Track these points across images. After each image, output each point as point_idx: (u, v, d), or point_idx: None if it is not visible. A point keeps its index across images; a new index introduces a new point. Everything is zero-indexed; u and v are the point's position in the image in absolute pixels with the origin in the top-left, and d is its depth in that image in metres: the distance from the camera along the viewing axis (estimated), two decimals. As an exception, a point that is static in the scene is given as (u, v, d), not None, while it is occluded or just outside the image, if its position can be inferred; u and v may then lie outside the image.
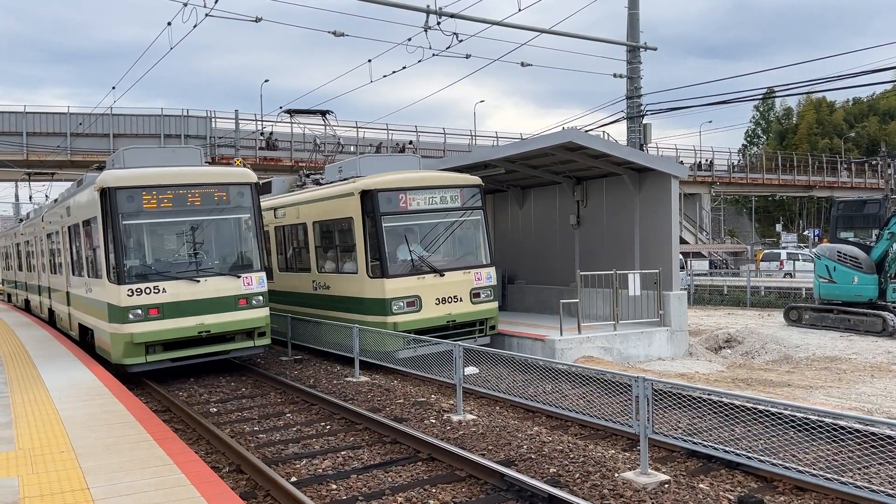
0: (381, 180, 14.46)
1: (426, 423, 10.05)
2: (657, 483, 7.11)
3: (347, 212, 14.62)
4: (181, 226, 13.34)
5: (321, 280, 16.09)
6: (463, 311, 14.68)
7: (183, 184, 13.15)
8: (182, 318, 12.95)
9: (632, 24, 20.56)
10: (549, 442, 8.83)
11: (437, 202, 14.78)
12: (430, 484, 7.46)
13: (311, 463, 8.39)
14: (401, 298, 14.08)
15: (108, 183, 12.67)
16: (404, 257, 14.51)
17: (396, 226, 14.54)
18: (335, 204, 15.17)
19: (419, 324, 14.08)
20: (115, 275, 12.67)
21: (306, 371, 14.86)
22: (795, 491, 6.79)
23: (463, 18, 17.31)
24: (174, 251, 13.56)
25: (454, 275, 14.69)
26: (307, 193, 16.81)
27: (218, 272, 13.40)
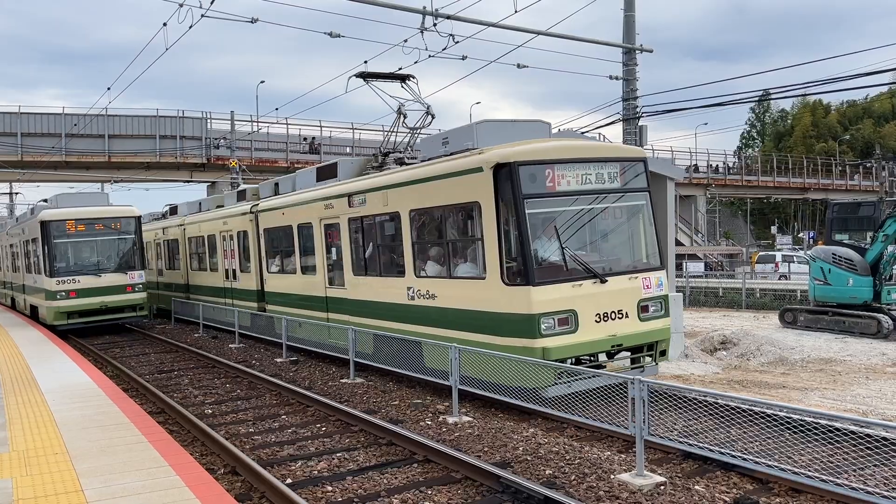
0: (522, 150, 10.51)
1: (422, 424, 10.04)
2: (653, 485, 7.11)
3: (470, 194, 10.80)
4: (90, 243, 22.51)
5: (422, 287, 12.16)
6: (630, 330, 10.77)
7: (91, 218, 22.39)
8: (90, 298, 22.06)
9: (628, 27, 20.57)
10: (545, 444, 8.83)
11: (593, 180, 10.90)
12: (426, 486, 7.44)
13: (307, 465, 8.37)
14: (551, 314, 10.05)
15: (44, 217, 22.08)
16: (555, 257, 10.58)
17: (545, 213, 10.62)
18: (449, 185, 11.26)
19: (576, 349, 10.25)
20: (49, 272, 21.77)
21: (301, 372, 14.83)
22: (791, 493, 6.80)
23: (459, 20, 17.30)
24: (85, 258, 22.51)
25: (618, 281, 10.78)
26: (398, 174, 12.90)
27: (112, 271, 22.42)
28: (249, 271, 19.62)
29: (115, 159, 45.91)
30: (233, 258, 20.74)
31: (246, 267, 20.00)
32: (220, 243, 21.67)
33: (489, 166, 10.41)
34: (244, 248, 19.99)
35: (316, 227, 15.59)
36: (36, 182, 50.85)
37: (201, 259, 23.63)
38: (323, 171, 16.30)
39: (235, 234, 20.34)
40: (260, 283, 19.04)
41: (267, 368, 15.36)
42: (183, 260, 25.13)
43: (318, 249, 15.68)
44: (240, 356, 17.33)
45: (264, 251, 18.64)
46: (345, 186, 14.67)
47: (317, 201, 15.53)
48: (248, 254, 19.62)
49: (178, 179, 50.45)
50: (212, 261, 22.72)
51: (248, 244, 19.56)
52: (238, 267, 20.42)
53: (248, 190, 21.35)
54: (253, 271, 19.30)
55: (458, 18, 17.26)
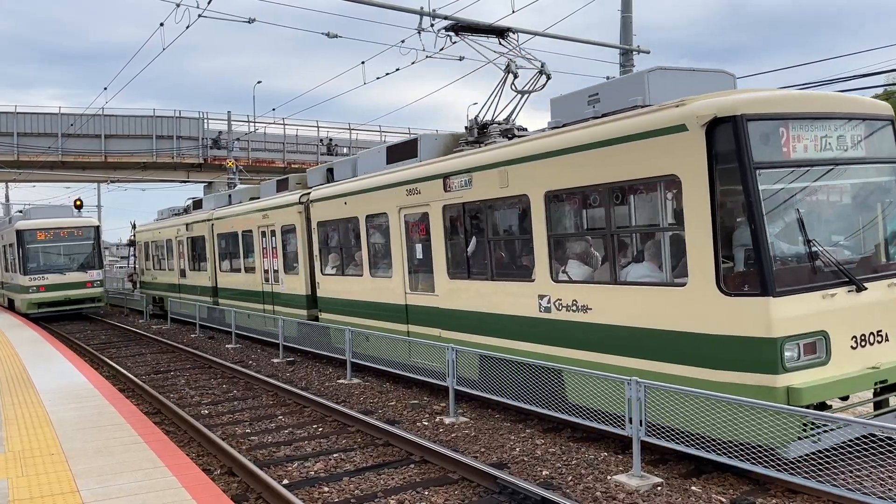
0: (751, 99, 7.48)
1: (419, 425, 10.03)
2: (650, 486, 7.12)
3: (659, 165, 7.75)
4: (56, 248, 28.36)
5: (564, 295, 9.09)
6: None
7: (57, 227, 28.42)
8: (56, 292, 27.77)
9: (625, 28, 20.59)
10: (542, 444, 8.83)
11: (836, 145, 7.78)
12: (423, 486, 7.44)
13: (304, 465, 8.36)
14: (797, 338, 7.00)
15: (19, 227, 27.99)
16: (798, 255, 7.49)
17: (781, 189, 7.46)
18: (619, 155, 8.20)
19: (832, 390, 7.16)
20: (23, 271, 27.50)
21: (298, 373, 14.82)
22: (787, 493, 6.81)
23: (457, 20, 17.30)
24: (53, 259, 28.24)
25: (879, 288, 7.65)
26: (525, 145, 9.77)
27: (75, 270, 28.19)
28: (297, 273, 16.85)
29: (112, 159, 45.85)
30: (274, 257, 18.10)
31: (292, 268, 17.26)
32: (257, 240, 18.99)
33: (701, 122, 7.23)
34: (289, 245, 17.34)
35: (393, 218, 12.64)
36: (32, 182, 50.79)
37: (233, 259, 21.10)
38: (396, 151, 13.38)
39: (278, 228, 17.66)
40: (310, 287, 16.26)
41: (264, 369, 15.34)
42: (210, 260, 22.67)
43: (396, 246, 12.63)
44: (236, 356, 17.31)
45: (317, 249, 15.71)
46: (436, 166, 11.56)
47: (394, 186, 12.47)
48: (295, 252, 16.88)
49: (174, 179, 50.42)
50: (247, 261, 20.03)
51: (296, 240, 16.74)
52: (281, 268, 17.77)
53: (291, 178, 18.70)
54: (301, 273, 16.52)
55: (456, 19, 17.26)
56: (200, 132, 47.76)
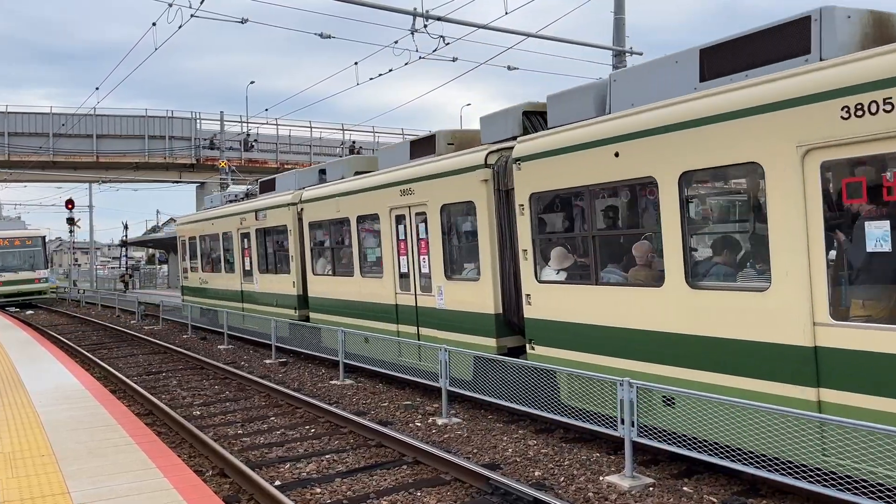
0: None
1: (412, 426, 10.03)
2: (642, 486, 7.13)
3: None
4: (11, 252, 37.46)
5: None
6: None
7: (11, 237, 37.99)
8: (11, 287, 36.86)
9: (618, 29, 20.66)
10: (535, 445, 8.84)
11: None
12: (416, 487, 7.44)
13: (296, 466, 8.35)
14: None
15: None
16: None
17: None
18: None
19: None
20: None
21: (291, 374, 14.80)
22: (778, 494, 6.84)
23: (450, 21, 17.32)
24: (8, 261, 37.23)
25: None
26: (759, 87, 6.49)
27: (26, 270, 37.22)
28: (474, 277, 10.76)
29: (104, 159, 45.69)
30: (423, 253, 11.80)
31: (460, 269, 11.28)
32: (389, 230, 12.56)
33: None
34: (460, 236, 11.44)
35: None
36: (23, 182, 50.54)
37: (339, 257, 14.83)
38: (529, 125, 10.32)
39: (434, 210, 11.40)
40: (513, 301, 10.06)
41: (256, 370, 15.31)
42: (296, 259, 16.37)
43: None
44: (229, 357, 17.27)
45: (533, 240, 9.41)
46: (600, 127, 8.20)
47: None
48: (474, 246, 10.71)
49: (167, 180, 50.31)
50: (368, 261, 13.66)
51: (477, 227, 10.52)
52: (447, 268, 11.33)
53: (443, 134, 12.23)
54: (488, 276, 10.37)
55: (449, 20, 17.29)
56: (193, 132, 47.63)
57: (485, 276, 10.42)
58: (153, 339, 20.85)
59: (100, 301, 39.38)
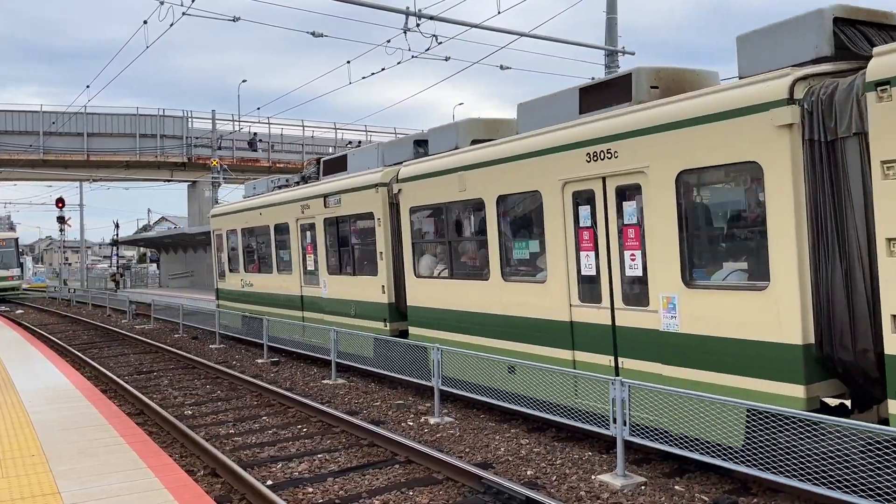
0: None
1: (404, 425, 10.03)
2: (634, 485, 7.15)
3: None
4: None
5: None
6: None
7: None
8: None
9: (610, 29, 20.71)
10: (527, 444, 8.85)
11: None
12: (408, 487, 7.44)
13: (288, 466, 8.33)
14: None
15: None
16: None
17: None
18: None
19: None
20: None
21: (283, 373, 14.77)
22: (769, 492, 6.87)
23: (442, 20, 17.32)
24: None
25: None
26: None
27: (1, 268, 44.04)
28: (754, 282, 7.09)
29: (94, 158, 45.47)
30: (631, 246, 8.12)
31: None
32: (562, 214, 8.94)
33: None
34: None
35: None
36: (13, 181, 50.24)
37: (461, 254, 11.22)
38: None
39: (671, 179, 7.52)
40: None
41: (248, 369, 15.27)
42: (386, 257, 12.71)
43: None
44: (220, 357, 17.22)
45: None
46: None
47: None
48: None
49: (158, 178, 50.13)
50: (515, 260, 10.14)
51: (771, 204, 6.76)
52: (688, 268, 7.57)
53: (639, 74, 8.49)
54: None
55: (442, 19, 17.28)
56: (185, 131, 47.45)
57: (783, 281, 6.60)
58: (144, 339, 20.77)
59: (90, 300, 39.19)
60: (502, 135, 10.99)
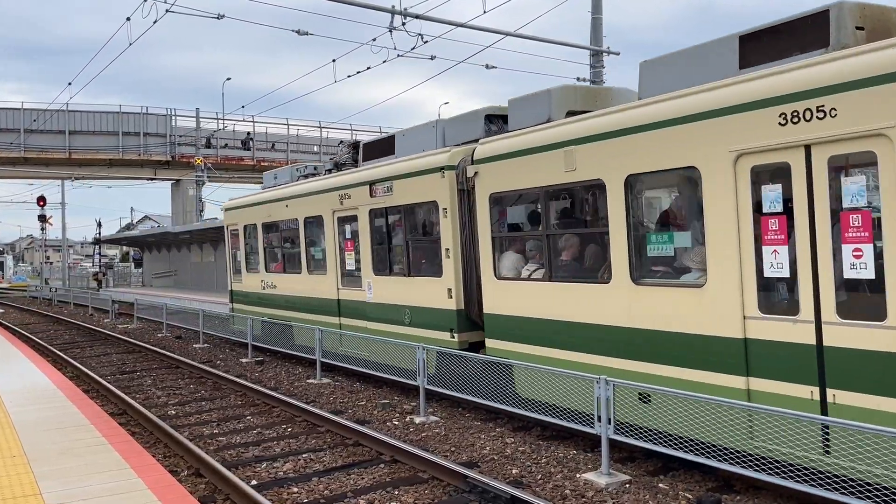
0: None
1: (389, 425, 10.02)
2: (618, 483, 7.19)
3: None
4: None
5: None
6: None
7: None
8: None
9: (595, 29, 20.79)
10: (512, 443, 8.87)
11: None
12: (393, 486, 7.43)
13: (272, 466, 8.30)
14: None
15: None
16: None
17: None
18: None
19: None
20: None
21: (267, 373, 14.70)
22: (752, 490, 6.93)
23: (428, 20, 17.31)
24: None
25: None
26: None
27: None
28: None
29: (76, 156, 45.05)
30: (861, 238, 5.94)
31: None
32: (734, 197, 6.79)
33: None
34: None
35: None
36: (-5, 178, 49.63)
37: (563, 251, 9.18)
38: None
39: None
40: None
41: (232, 369, 15.19)
42: (455, 254, 10.66)
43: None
44: (204, 356, 17.11)
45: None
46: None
47: None
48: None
49: (141, 177, 49.72)
50: (649, 257, 7.98)
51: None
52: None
53: (840, 9, 6.55)
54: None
55: (427, 18, 17.27)
56: (168, 129, 47.09)
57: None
58: (127, 338, 20.60)
59: (72, 300, 38.82)
60: (600, 106, 9.09)
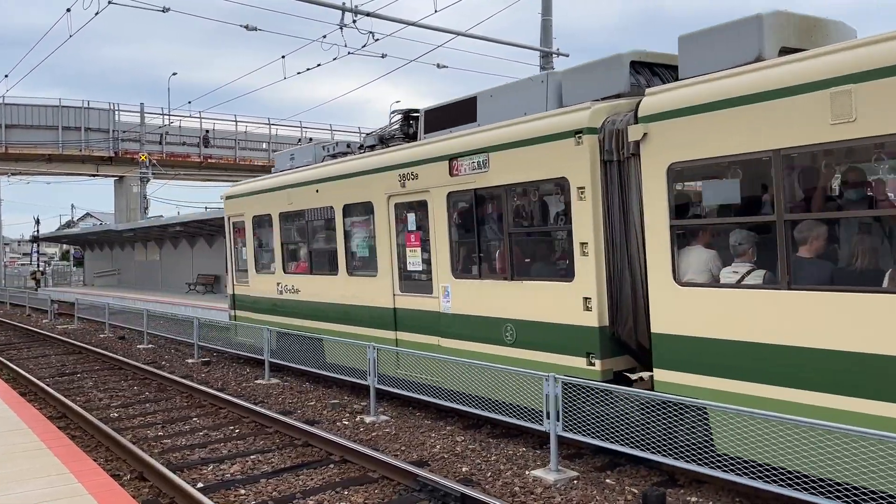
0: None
1: (339, 424, 9.95)
2: (567, 479, 7.28)
3: None
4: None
5: None
6: None
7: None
8: None
9: (545, 31, 21.01)
10: (462, 441, 8.91)
11: None
12: (343, 486, 7.39)
13: (219, 468, 8.16)
14: None
15: None
16: None
17: None
18: None
19: None
20: None
21: (214, 373, 14.45)
22: (694, 483, 7.11)
23: (379, 17, 17.24)
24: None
25: None
26: None
27: None
28: None
29: (13, 150, 43.50)
30: None
31: None
32: None
33: None
34: None
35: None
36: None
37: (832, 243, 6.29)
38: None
39: None
40: None
41: (178, 370, 14.88)
42: (595, 250, 7.82)
43: None
44: (149, 357, 16.72)
45: None
46: None
47: None
48: None
49: (82, 173, 48.30)
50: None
51: None
52: None
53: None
54: None
55: (378, 16, 17.20)
56: (111, 124, 45.83)
57: None
58: (67, 339, 19.98)
59: (8, 300, 37.48)
60: (817, 42, 6.92)
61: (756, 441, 6.13)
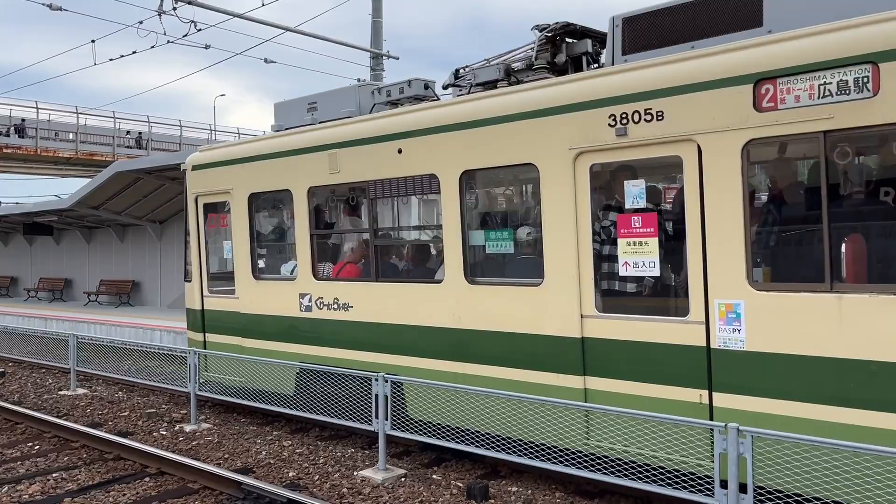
0: None
1: (156, 435, 9.38)
2: (395, 477, 7.36)
3: None
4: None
5: None
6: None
7: None
8: None
9: (375, 32, 21.10)
10: (290, 445, 8.73)
11: None
12: (160, 500, 6.97)
13: (15, 489, 7.39)
14: None
15: None
16: None
17: None
18: None
19: None
20: None
21: (10, 385, 13.08)
22: (515, 473, 7.46)
23: (201, 6, 16.46)
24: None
25: None
26: None
27: None
28: None
29: None
30: None
31: None
32: None
33: None
34: None
35: None
36: None
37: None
38: None
39: None
40: None
41: (-36, 383, 13.30)
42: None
43: None
44: (-72, 370, 14.80)
45: None
46: None
47: None
48: None
49: None
50: None
51: None
52: None
53: None
54: None
55: (200, 5, 16.43)
56: None
57: None
58: None
59: None
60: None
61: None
